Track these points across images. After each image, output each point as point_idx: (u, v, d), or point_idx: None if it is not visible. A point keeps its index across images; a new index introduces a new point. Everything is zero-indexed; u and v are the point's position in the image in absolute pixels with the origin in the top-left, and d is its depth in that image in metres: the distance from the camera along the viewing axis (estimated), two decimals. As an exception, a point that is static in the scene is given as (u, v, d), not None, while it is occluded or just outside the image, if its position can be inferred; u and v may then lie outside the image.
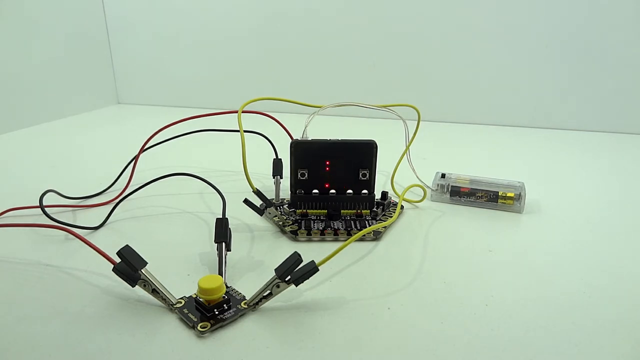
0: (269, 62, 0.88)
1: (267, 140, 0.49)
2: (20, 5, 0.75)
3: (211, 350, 0.25)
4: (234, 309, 0.28)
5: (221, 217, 0.35)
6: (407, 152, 0.47)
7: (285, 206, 0.43)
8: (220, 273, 0.31)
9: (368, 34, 0.81)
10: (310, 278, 0.28)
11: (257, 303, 0.29)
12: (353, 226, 0.39)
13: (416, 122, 0.46)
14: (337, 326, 0.27)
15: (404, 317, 0.28)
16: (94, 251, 0.29)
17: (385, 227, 0.39)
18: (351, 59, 0.84)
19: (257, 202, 0.39)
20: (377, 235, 0.38)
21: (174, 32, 0.92)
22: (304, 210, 0.41)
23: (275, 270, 0.28)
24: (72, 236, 0.34)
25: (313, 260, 0.28)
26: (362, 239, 0.38)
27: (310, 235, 0.38)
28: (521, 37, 0.75)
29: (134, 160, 0.47)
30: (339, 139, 0.40)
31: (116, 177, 0.49)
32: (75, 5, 0.86)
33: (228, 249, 0.33)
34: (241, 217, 0.42)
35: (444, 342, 0.26)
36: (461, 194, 0.45)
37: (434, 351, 0.25)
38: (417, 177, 0.48)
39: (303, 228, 0.39)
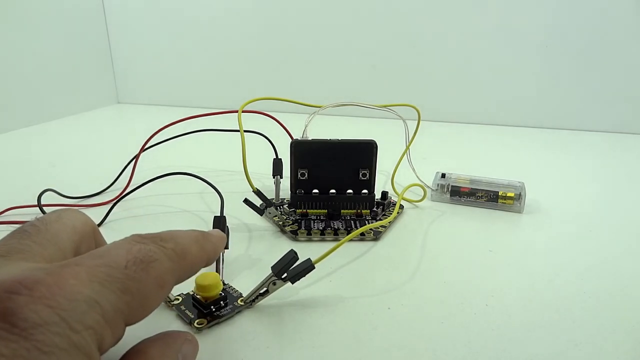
0: (269, 62, 0.88)
1: (267, 140, 0.49)
2: (20, 4, 0.75)
3: (208, 346, 0.25)
4: (231, 306, 0.28)
5: (219, 215, 0.35)
6: (407, 151, 0.46)
7: (285, 206, 0.43)
8: (218, 270, 0.31)
9: (368, 33, 0.81)
10: (307, 276, 0.28)
11: (253, 300, 0.29)
12: (353, 226, 0.39)
13: (416, 122, 0.46)
14: (337, 325, 0.27)
15: (404, 317, 0.28)
16: (93, 250, 0.29)
17: (383, 225, 0.39)
18: (351, 59, 0.84)
19: (257, 202, 0.39)
20: (376, 235, 0.38)
21: (174, 32, 0.92)
22: (304, 210, 0.41)
23: (272, 267, 0.28)
24: (71, 235, 0.34)
25: (309, 258, 0.28)
26: (361, 239, 0.38)
27: (310, 235, 0.38)
28: (521, 37, 0.75)
29: (134, 160, 0.47)
30: (339, 138, 0.40)
31: (116, 176, 0.49)
32: (75, 5, 0.86)
33: (225, 246, 0.33)
34: (241, 217, 0.42)
35: (444, 342, 0.26)
36: (461, 193, 0.45)
37: (434, 351, 0.25)
38: (417, 176, 0.48)
39: (303, 228, 0.38)
